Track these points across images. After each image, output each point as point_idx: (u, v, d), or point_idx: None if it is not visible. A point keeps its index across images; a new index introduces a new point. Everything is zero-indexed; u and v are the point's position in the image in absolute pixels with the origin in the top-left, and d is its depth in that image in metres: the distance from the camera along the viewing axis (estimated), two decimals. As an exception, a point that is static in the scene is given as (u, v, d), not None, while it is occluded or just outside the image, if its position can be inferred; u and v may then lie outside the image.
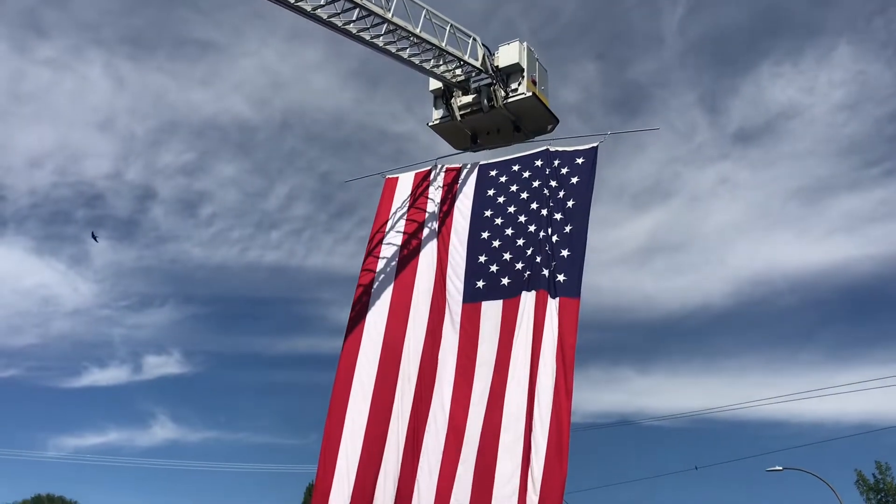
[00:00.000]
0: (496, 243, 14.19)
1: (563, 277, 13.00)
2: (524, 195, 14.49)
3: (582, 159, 14.27)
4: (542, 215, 13.98)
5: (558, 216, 13.79)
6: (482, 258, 14.14)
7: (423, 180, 15.60)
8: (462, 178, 15.34)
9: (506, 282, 13.65)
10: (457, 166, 15.66)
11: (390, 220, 15.38)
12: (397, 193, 15.65)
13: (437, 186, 15.43)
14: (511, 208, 14.48)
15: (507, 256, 13.93)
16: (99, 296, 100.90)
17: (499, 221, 14.45)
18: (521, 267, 13.68)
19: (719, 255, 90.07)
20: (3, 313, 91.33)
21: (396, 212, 15.45)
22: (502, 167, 15.11)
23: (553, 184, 14.25)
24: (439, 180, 15.49)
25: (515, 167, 14.95)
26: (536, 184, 14.47)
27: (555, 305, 12.79)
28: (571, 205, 13.84)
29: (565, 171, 14.27)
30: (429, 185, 15.50)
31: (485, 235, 14.40)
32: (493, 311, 13.42)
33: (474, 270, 14.01)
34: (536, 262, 13.47)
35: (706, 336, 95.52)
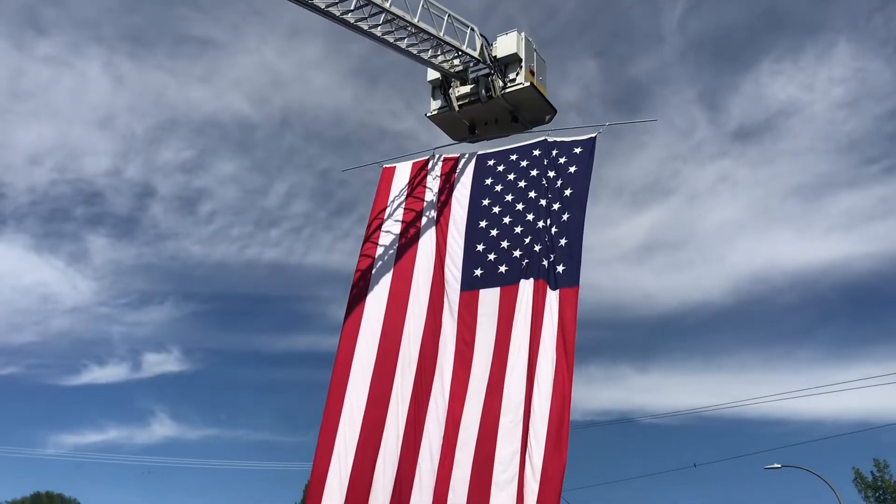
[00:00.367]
0: (494, 232, 14.24)
1: (561, 268, 13.06)
2: (522, 184, 14.53)
3: (580, 149, 14.32)
4: (541, 205, 14.03)
5: (556, 206, 13.85)
6: (480, 247, 14.19)
7: (420, 170, 15.64)
8: (460, 167, 15.38)
9: (503, 270, 13.69)
10: (454, 156, 15.69)
11: (388, 207, 15.42)
12: (395, 182, 15.69)
13: (434, 176, 15.47)
14: (508, 197, 14.53)
15: (505, 244, 13.97)
16: (98, 293, 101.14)
17: (496, 210, 14.49)
18: (518, 255, 13.72)
19: (719, 252, 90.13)
20: (3, 311, 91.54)
21: (394, 200, 15.48)
22: (500, 157, 15.16)
23: (551, 174, 14.29)
24: (437, 170, 15.54)
25: (513, 157, 15.00)
26: (534, 173, 14.51)
27: (555, 297, 12.84)
28: (569, 194, 13.88)
29: (563, 160, 14.31)
30: (426, 175, 15.54)
31: (482, 224, 14.45)
32: (490, 298, 13.47)
33: (472, 259, 14.06)
34: (535, 251, 13.51)
35: (705, 334, 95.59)
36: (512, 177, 14.76)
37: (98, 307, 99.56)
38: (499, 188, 14.75)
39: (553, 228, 13.58)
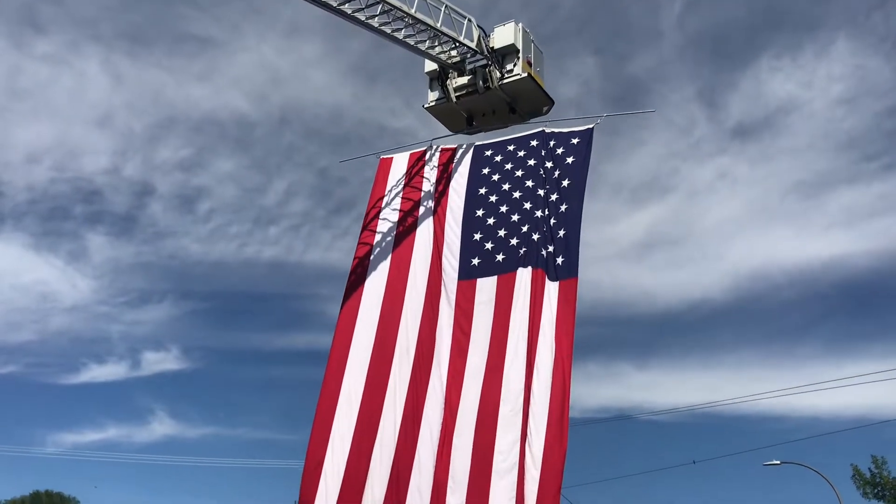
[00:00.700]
0: (491, 220, 14.26)
1: (561, 259, 13.08)
2: (519, 173, 14.55)
3: (577, 140, 14.34)
4: (538, 194, 14.05)
5: (554, 196, 13.86)
6: (477, 236, 14.20)
7: (418, 160, 15.66)
8: (457, 158, 15.40)
9: (500, 258, 13.70)
10: (452, 147, 15.71)
11: (386, 196, 15.45)
12: (392, 173, 15.72)
13: (432, 166, 15.49)
14: (506, 186, 14.54)
15: (502, 233, 13.99)
16: (97, 292, 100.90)
17: (493, 199, 14.50)
18: (515, 243, 13.74)
19: (718, 249, 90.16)
20: (2, 310, 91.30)
21: (392, 190, 15.51)
22: (497, 147, 15.19)
23: (548, 164, 14.31)
24: (434, 160, 15.56)
25: (511, 147, 15.02)
26: (532, 163, 14.53)
27: (554, 288, 12.85)
28: (567, 184, 13.89)
29: (561, 151, 14.33)
30: (424, 166, 15.56)
31: (479, 213, 14.47)
32: (487, 286, 13.48)
33: (469, 248, 14.08)
34: (533, 240, 13.53)
35: (704, 331, 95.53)
36: (509, 167, 14.78)
37: (97, 306, 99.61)
38: (496, 178, 14.76)
39: (551, 219, 13.60)
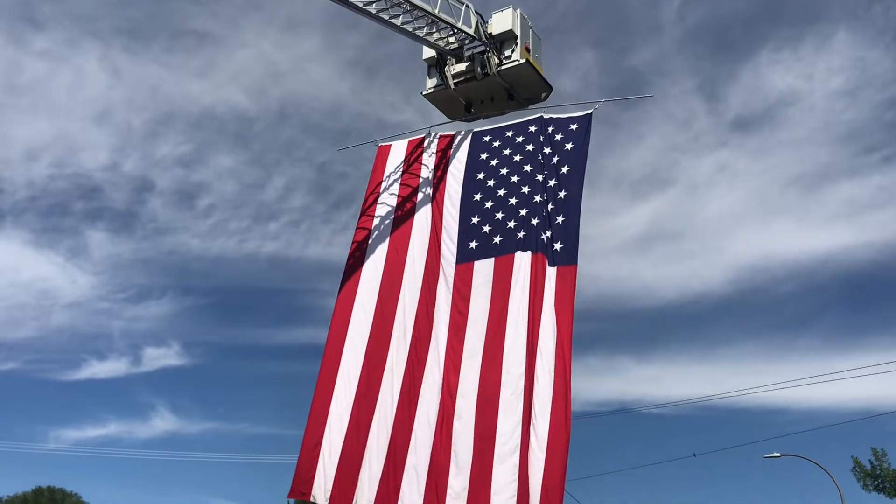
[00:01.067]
0: (489, 204, 14.25)
1: (559, 246, 13.05)
2: (517, 158, 14.54)
3: (576, 125, 14.30)
4: (537, 179, 14.03)
5: (553, 182, 13.83)
6: (475, 219, 14.19)
7: (416, 147, 15.67)
8: (455, 144, 15.39)
9: (498, 240, 13.69)
10: (450, 133, 15.70)
11: (384, 182, 15.47)
12: (390, 160, 15.72)
13: (430, 153, 15.47)
14: (504, 170, 14.52)
15: (500, 216, 13.98)
16: (97, 288, 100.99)
17: (491, 183, 14.49)
18: (513, 226, 13.73)
19: (718, 243, 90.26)
20: (2, 306, 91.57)
21: (390, 176, 15.52)
22: (496, 133, 15.18)
23: (547, 150, 14.27)
24: (433, 147, 15.54)
25: (509, 133, 15.01)
26: (530, 148, 14.51)
27: (553, 274, 12.83)
28: (566, 171, 13.85)
29: (559, 136, 14.31)
30: (423, 152, 15.56)
31: (477, 197, 14.46)
32: (485, 268, 13.47)
33: (467, 231, 14.07)
34: (532, 224, 13.51)
35: (705, 324, 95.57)
36: (507, 151, 14.76)
37: (97, 302, 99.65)
38: (494, 162, 14.74)
39: (550, 205, 13.56)
